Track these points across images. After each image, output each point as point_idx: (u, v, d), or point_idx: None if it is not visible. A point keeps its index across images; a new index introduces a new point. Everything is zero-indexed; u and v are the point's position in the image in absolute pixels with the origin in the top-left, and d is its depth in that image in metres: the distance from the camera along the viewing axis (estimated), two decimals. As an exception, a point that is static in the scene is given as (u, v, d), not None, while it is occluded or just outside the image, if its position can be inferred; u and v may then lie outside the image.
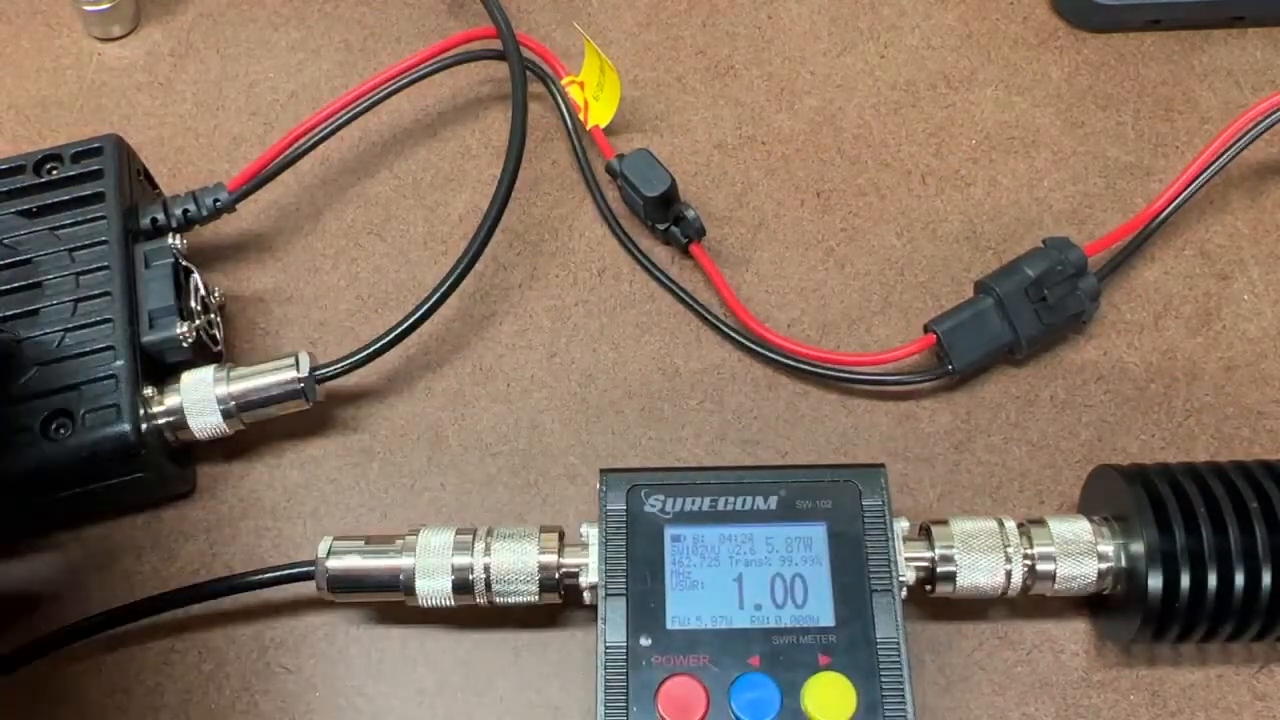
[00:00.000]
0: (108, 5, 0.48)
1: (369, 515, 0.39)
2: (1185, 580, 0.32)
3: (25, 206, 0.39)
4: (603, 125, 0.44)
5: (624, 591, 0.33)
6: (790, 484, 0.34)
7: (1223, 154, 0.41)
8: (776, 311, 0.42)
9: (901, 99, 0.47)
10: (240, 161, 0.45)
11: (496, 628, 0.36)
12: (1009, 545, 0.34)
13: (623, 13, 0.50)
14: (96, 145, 0.40)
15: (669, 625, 0.33)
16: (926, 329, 0.40)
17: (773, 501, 0.34)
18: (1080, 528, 0.34)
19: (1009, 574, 0.34)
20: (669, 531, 0.34)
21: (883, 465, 0.35)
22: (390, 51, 0.49)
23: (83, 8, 0.48)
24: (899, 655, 0.32)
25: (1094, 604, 0.36)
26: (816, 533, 0.34)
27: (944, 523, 0.35)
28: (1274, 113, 0.41)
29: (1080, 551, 0.34)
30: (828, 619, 0.33)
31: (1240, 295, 0.42)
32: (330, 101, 0.42)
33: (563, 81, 0.45)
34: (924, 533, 0.35)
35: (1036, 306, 0.39)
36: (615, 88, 0.44)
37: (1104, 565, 0.34)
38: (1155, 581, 0.32)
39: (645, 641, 0.32)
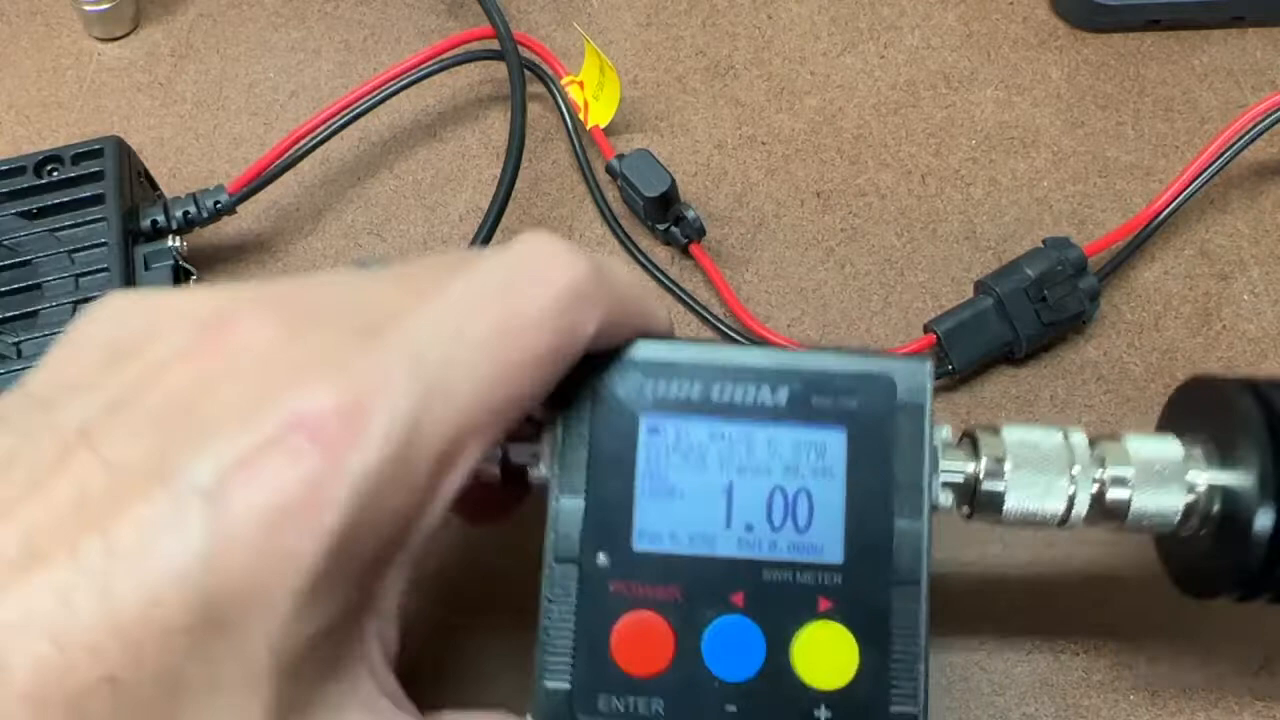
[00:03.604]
0: (108, 5, 0.48)
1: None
2: None
3: (26, 208, 0.39)
4: (603, 125, 0.44)
5: (582, 493, 0.26)
6: (807, 374, 0.27)
7: (1223, 154, 0.41)
8: (777, 311, 0.42)
9: (901, 99, 0.47)
10: (240, 162, 0.45)
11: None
12: (1075, 464, 0.27)
13: (623, 13, 0.50)
14: (97, 147, 0.40)
15: (635, 545, 0.26)
16: (926, 329, 0.40)
17: (782, 394, 0.26)
18: (1169, 448, 0.28)
19: (1072, 499, 0.27)
20: (645, 421, 0.26)
21: (928, 358, 0.27)
22: (390, 51, 0.49)
23: (83, 8, 0.48)
24: (918, 610, 0.25)
25: (1167, 548, 0.31)
26: (833, 439, 0.26)
27: (994, 430, 0.28)
28: (1274, 113, 0.41)
29: (1165, 479, 0.27)
30: (834, 553, 0.26)
31: (1240, 295, 0.42)
32: (331, 102, 0.42)
33: (562, 81, 0.45)
34: (968, 441, 0.28)
35: (1036, 306, 0.39)
36: (615, 88, 0.44)
37: (1190, 499, 0.27)
38: (1265, 519, 0.26)
39: (603, 560, 0.26)
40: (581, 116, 0.45)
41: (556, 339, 0.24)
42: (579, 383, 0.26)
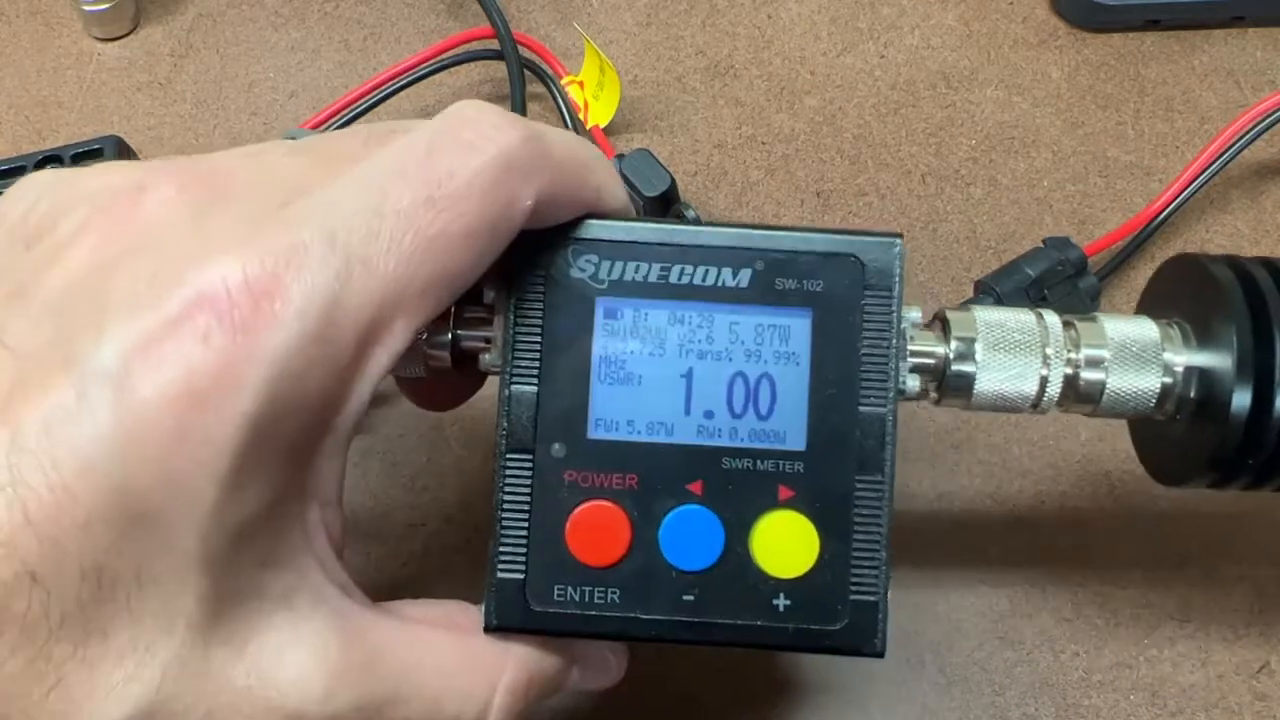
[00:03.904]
0: (108, 5, 0.48)
1: (369, 515, 0.39)
2: None
3: (25, 207, 0.39)
4: (603, 125, 0.44)
5: (535, 381, 0.25)
6: (770, 255, 0.25)
7: (1223, 154, 0.41)
8: (776, 312, 0.42)
9: (901, 99, 0.47)
10: (240, 162, 0.45)
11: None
12: (1049, 344, 0.26)
13: (623, 13, 0.50)
14: (97, 146, 0.40)
15: (591, 433, 0.25)
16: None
17: (744, 276, 0.25)
18: (1144, 328, 0.27)
19: (1044, 381, 0.26)
20: (601, 305, 0.25)
21: (899, 235, 0.26)
22: (390, 51, 0.49)
23: (83, 8, 0.48)
24: (881, 497, 0.25)
25: (1142, 434, 0.30)
26: (798, 323, 0.25)
27: (966, 310, 0.27)
28: (1274, 113, 0.41)
29: (1141, 358, 0.26)
30: (797, 440, 0.25)
31: (1240, 295, 0.42)
32: (330, 102, 0.42)
33: (562, 81, 0.45)
34: (939, 323, 0.28)
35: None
36: (615, 88, 0.44)
37: (1168, 380, 0.27)
38: (1242, 399, 0.25)
39: (557, 450, 0.25)
40: (581, 116, 0.45)
41: (487, 211, 0.22)
42: (531, 264, 0.25)
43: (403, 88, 0.43)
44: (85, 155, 0.40)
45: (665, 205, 0.42)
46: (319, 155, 0.23)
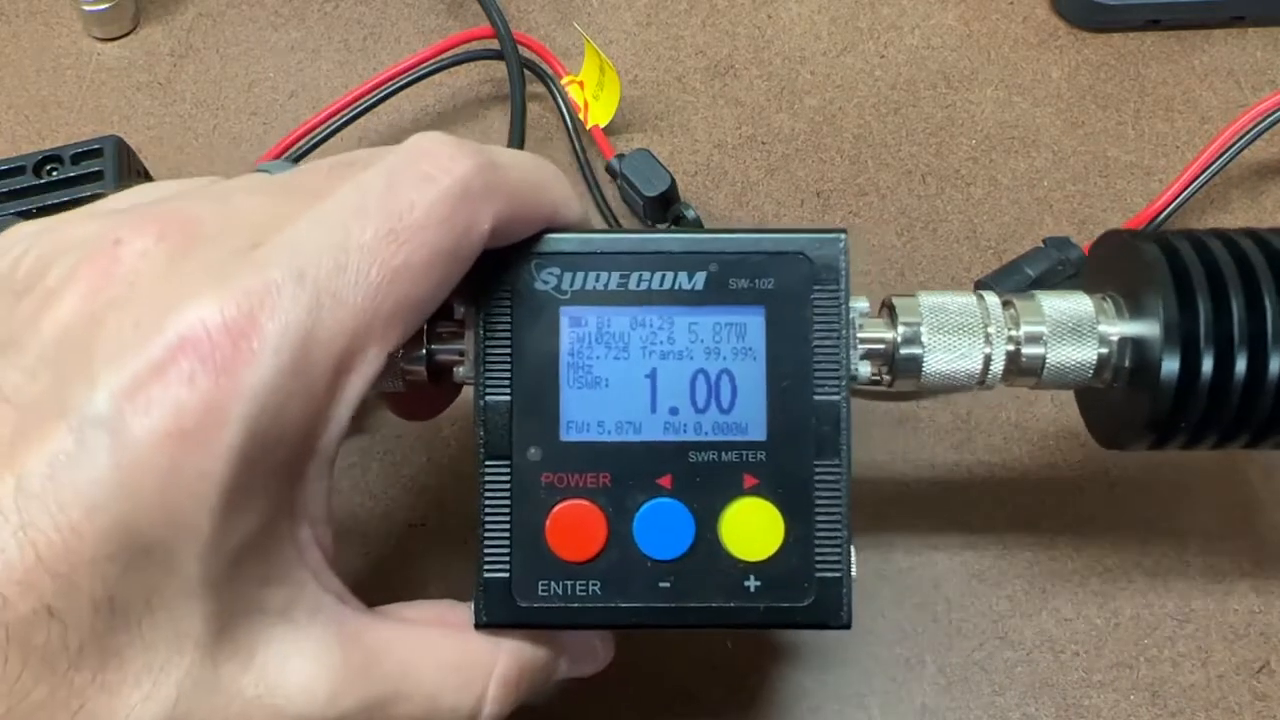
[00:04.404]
0: (107, 5, 0.48)
1: (369, 515, 0.39)
2: (1207, 364, 0.26)
3: (25, 208, 0.39)
4: (603, 125, 0.44)
5: (508, 390, 0.27)
6: (722, 257, 0.27)
7: (1223, 154, 0.41)
8: (776, 312, 0.42)
9: (901, 99, 0.47)
10: (240, 162, 0.45)
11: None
12: (990, 324, 0.28)
13: (623, 12, 0.50)
14: (96, 146, 0.40)
15: (564, 436, 0.26)
16: (926, 329, 0.40)
17: (699, 279, 0.27)
18: (1079, 303, 0.28)
19: (988, 359, 0.28)
20: (566, 314, 0.27)
21: (843, 230, 0.27)
22: (390, 51, 0.49)
23: (83, 8, 0.48)
24: (840, 479, 0.26)
25: (1087, 403, 0.32)
26: (753, 320, 0.27)
27: (911, 297, 0.29)
28: (1274, 113, 0.41)
29: (1078, 332, 0.28)
30: (758, 431, 0.26)
31: (1240, 295, 0.42)
32: (330, 102, 0.42)
33: (562, 81, 0.45)
34: (887, 310, 0.29)
35: (1036, 306, 0.39)
36: (615, 87, 0.44)
37: (1104, 350, 0.28)
38: (1171, 365, 0.26)
39: (533, 454, 0.26)
40: (581, 116, 0.45)
41: (447, 239, 0.23)
42: (497, 280, 0.27)
43: (403, 88, 0.43)
44: (85, 155, 0.40)
45: (665, 205, 0.42)
46: (285, 193, 0.24)
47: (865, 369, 0.28)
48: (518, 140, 0.42)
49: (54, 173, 0.40)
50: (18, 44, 0.49)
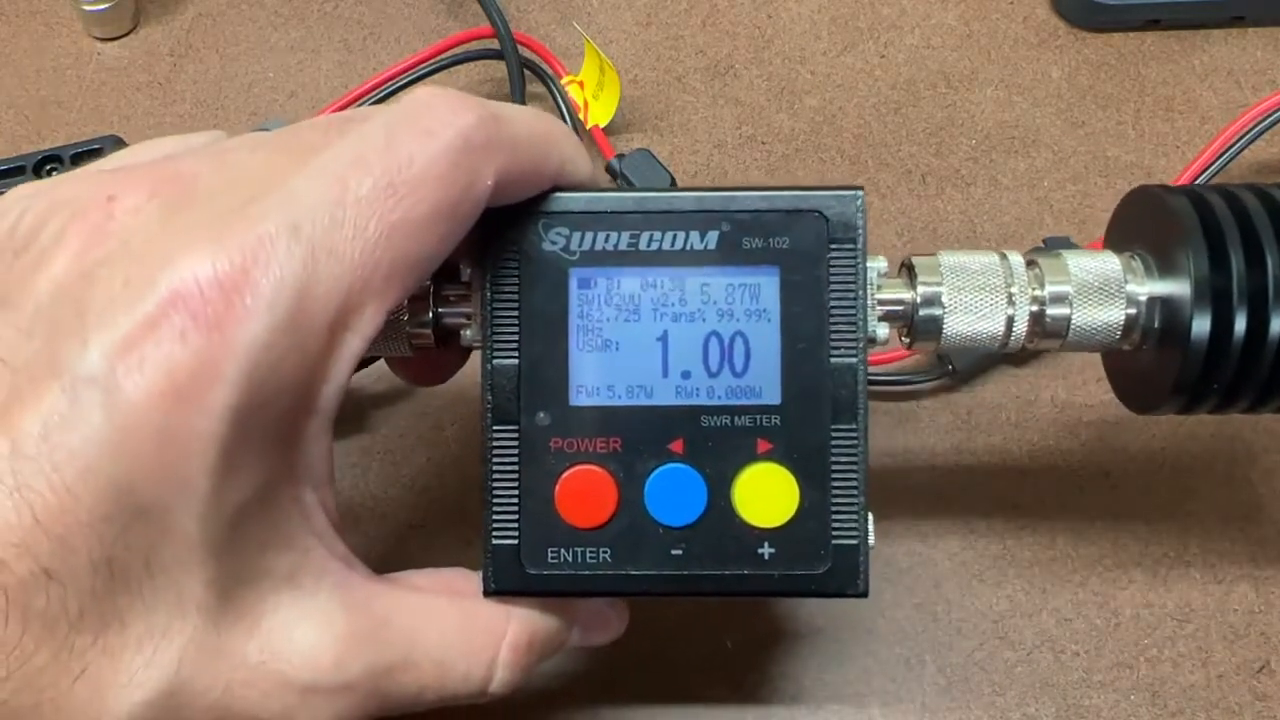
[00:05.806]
0: (107, 5, 0.48)
1: (369, 515, 0.39)
2: (1240, 323, 0.25)
3: (25, 207, 0.39)
4: (603, 125, 0.44)
5: (515, 353, 0.26)
6: (735, 216, 0.26)
7: (1223, 154, 0.41)
8: (776, 312, 0.42)
9: (901, 99, 0.47)
10: (240, 162, 0.45)
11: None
12: (1013, 284, 0.27)
13: (623, 12, 0.50)
14: (96, 146, 0.40)
15: (573, 400, 0.26)
16: (926, 329, 0.40)
17: (711, 239, 0.26)
18: (1105, 262, 0.27)
19: (1010, 320, 0.27)
20: (575, 275, 0.26)
21: (860, 188, 0.26)
22: (390, 51, 0.49)
23: (82, 8, 0.48)
24: (857, 444, 0.26)
25: (1114, 366, 0.31)
26: (766, 280, 0.26)
27: (931, 256, 0.28)
28: (1274, 113, 0.41)
29: (1105, 292, 0.27)
30: (772, 394, 0.26)
31: (1240, 295, 0.42)
32: (330, 102, 0.42)
33: (562, 81, 0.45)
34: (906, 270, 0.28)
35: (1036, 306, 0.39)
36: (615, 87, 0.44)
37: (1132, 311, 0.27)
38: (1202, 324, 0.25)
39: (542, 419, 0.26)
40: (581, 116, 0.45)
41: (448, 193, 0.23)
42: (504, 240, 0.26)
43: (403, 87, 0.43)
44: (85, 155, 0.40)
45: (665, 205, 0.42)
46: (282, 148, 0.24)
47: (883, 330, 0.27)
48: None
49: (54, 172, 0.40)
50: (18, 44, 0.49)
